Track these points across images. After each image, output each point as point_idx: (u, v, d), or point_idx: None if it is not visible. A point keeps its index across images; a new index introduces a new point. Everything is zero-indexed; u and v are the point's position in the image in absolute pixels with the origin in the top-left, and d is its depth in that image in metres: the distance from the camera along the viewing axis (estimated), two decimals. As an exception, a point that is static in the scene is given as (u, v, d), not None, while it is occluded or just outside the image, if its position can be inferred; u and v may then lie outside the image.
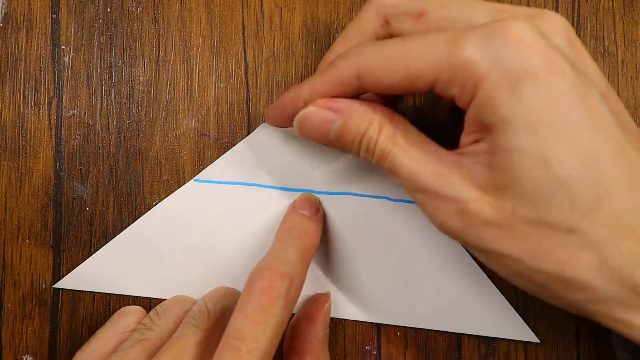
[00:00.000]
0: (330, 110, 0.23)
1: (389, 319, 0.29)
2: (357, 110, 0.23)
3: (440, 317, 0.28)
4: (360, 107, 0.23)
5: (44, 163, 0.30)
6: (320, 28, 0.30)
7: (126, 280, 0.29)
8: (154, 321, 0.26)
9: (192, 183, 0.29)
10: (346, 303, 0.29)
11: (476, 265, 0.28)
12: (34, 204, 0.30)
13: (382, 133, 0.22)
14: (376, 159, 0.23)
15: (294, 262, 0.24)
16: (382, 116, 0.23)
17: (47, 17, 0.30)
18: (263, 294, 0.22)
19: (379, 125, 0.22)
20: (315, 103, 0.23)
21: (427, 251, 0.28)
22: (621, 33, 0.30)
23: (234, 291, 0.27)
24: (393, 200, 0.28)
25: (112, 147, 0.30)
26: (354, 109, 0.23)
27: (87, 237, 0.29)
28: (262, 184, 0.29)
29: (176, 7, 0.30)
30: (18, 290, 0.30)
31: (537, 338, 0.28)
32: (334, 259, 0.29)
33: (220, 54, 0.30)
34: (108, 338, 0.26)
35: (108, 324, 0.27)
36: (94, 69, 0.30)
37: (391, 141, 0.22)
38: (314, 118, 0.23)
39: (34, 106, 0.30)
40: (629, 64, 0.30)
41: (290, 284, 0.22)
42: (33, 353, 0.29)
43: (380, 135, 0.22)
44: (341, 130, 0.23)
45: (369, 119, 0.22)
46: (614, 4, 0.30)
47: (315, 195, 0.28)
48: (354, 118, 0.23)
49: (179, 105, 0.30)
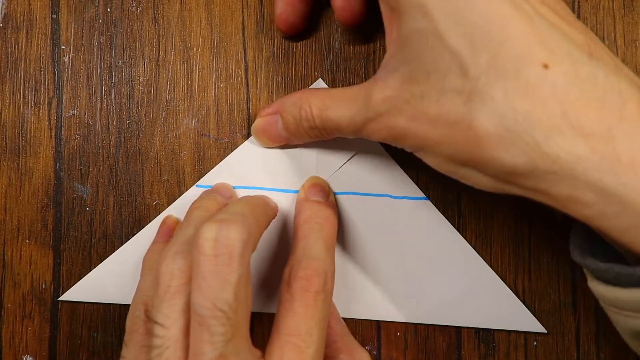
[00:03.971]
0: (269, 115, 0.27)
1: (393, 316, 0.29)
2: (287, 102, 0.26)
3: (446, 311, 0.28)
4: (289, 99, 0.26)
5: (44, 163, 0.30)
6: (320, 28, 0.30)
7: (130, 291, 0.28)
8: (162, 335, 0.23)
9: (194, 189, 0.29)
10: (351, 301, 0.29)
11: (480, 258, 0.28)
12: (34, 204, 0.30)
13: (313, 109, 0.25)
14: (324, 131, 0.25)
15: (323, 256, 0.25)
16: (310, 95, 0.25)
17: (47, 17, 0.30)
18: (304, 292, 0.23)
19: (308, 104, 0.25)
20: (258, 115, 0.28)
21: (431, 246, 0.28)
22: (621, 33, 0.29)
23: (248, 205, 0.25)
24: (394, 197, 0.29)
25: (112, 147, 0.30)
26: (285, 102, 0.26)
27: (87, 237, 0.29)
28: (263, 187, 0.29)
29: (176, 7, 0.30)
30: (18, 290, 0.30)
31: (544, 328, 0.28)
32: (337, 258, 0.29)
33: (220, 54, 0.30)
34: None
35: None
36: (94, 69, 0.30)
37: (323, 110, 0.25)
38: (261, 126, 0.28)
39: (34, 106, 0.30)
40: (629, 64, 0.30)
41: (326, 277, 0.24)
42: (33, 353, 0.29)
43: (312, 111, 0.25)
44: (284, 124, 0.27)
45: (297, 104, 0.25)
46: (614, 4, 0.30)
47: (322, 178, 0.29)
48: (286, 110, 0.26)
49: (179, 105, 0.30)
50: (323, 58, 0.30)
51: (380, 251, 0.29)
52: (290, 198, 0.29)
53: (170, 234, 0.28)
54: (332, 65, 0.30)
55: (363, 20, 0.27)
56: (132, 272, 0.29)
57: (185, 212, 0.27)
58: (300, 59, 0.30)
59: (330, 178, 0.29)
